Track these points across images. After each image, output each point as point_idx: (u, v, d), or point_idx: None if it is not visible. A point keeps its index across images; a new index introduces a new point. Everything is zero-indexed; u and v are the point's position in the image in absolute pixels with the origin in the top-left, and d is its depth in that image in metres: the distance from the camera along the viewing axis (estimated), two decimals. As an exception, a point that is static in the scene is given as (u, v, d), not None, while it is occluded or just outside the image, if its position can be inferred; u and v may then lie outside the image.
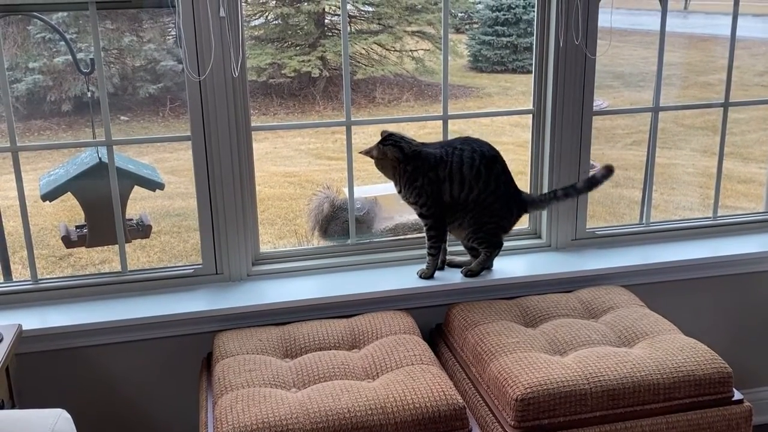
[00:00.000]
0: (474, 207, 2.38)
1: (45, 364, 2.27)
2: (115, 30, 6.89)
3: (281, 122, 7.50)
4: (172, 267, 2.46)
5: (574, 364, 2.02)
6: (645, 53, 8.20)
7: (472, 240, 2.43)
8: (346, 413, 1.83)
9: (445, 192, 2.38)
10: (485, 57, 8.83)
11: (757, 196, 5.38)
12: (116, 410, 2.36)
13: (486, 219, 2.40)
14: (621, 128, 7.35)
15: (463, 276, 2.45)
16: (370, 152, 2.39)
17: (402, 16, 8.36)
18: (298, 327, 2.24)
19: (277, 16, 8.23)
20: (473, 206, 2.38)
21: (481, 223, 2.40)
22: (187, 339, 2.34)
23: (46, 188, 2.72)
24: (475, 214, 2.39)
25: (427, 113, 7.86)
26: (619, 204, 6.02)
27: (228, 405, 1.88)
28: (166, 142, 6.39)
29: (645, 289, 2.58)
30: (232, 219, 2.39)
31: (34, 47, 6.76)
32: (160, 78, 7.06)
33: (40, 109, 6.91)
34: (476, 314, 2.30)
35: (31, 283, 2.36)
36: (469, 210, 2.39)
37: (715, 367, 2.04)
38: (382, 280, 2.47)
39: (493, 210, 2.39)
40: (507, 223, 2.44)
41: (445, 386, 1.93)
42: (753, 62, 7.92)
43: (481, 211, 2.39)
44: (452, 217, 2.41)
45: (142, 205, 5.34)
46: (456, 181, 2.36)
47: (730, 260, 2.69)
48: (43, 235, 5.23)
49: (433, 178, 2.37)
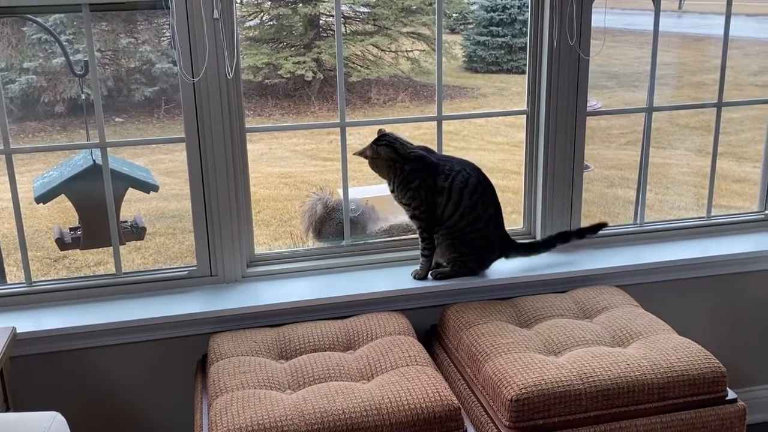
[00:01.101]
0: (458, 235, 2.39)
1: (39, 366, 2.26)
2: (110, 32, 6.88)
3: (276, 124, 7.49)
4: (166, 269, 2.46)
5: (569, 364, 2.03)
6: (639, 53, 8.23)
7: (448, 260, 2.44)
8: (341, 414, 1.83)
9: (439, 206, 2.38)
10: (480, 57, 8.85)
11: (751, 195, 5.38)
12: (111, 412, 2.36)
13: (466, 250, 2.42)
14: (616, 128, 7.37)
15: (432, 278, 2.45)
16: (364, 152, 2.40)
17: (397, 17, 8.37)
18: (293, 328, 2.24)
19: (272, 17, 8.23)
20: (457, 234, 2.39)
21: (460, 253, 2.42)
22: (181, 341, 2.33)
23: (40, 190, 2.71)
24: (456, 242, 2.40)
25: (422, 114, 7.87)
26: (613, 204, 6.03)
27: (223, 407, 1.88)
28: (161, 144, 6.39)
29: (639, 288, 2.58)
30: (226, 220, 2.39)
31: (29, 48, 6.75)
32: (155, 80, 7.06)
33: (34, 111, 6.90)
34: (471, 315, 2.30)
35: (25, 285, 2.36)
36: (453, 236, 2.39)
37: (709, 367, 2.05)
38: (377, 281, 2.47)
39: (475, 245, 2.41)
40: (485, 260, 2.45)
41: (440, 387, 1.94)
42: (747, 62, 7.95)
43: (462, 241, 2.40)
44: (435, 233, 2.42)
45: (137, 206, 5.33)
46: (452, 201, 2.37)
47: (724, 260, 2.69)
48: (38, 238, 5.22)
49: (431, 185, 2.36)
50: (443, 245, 2.42)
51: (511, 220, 2.61)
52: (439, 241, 2.43)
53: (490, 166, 6.43)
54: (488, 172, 2.47)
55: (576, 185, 2.63)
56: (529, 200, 2.69)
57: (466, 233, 2.39)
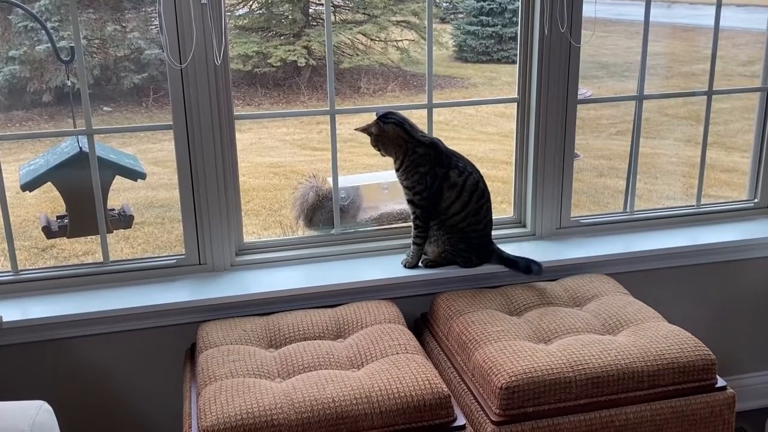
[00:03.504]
0: (458, 233, 2.40)
1: (26, 355, 2.24)
2: (97, 19, 6.81)
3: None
4: (154, 257, 2.44)
5: (559, 352, 2.03)
6: (630, 43, 8.23)
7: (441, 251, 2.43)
8: (331, 403, 1.83)
9: (446, 199, 2.37)
10: (470, 47, 8.82)
11: (740, 185, 5.41)
12: (99, 402, 2.35)
13: (462, 246, 2.41)
14: (606, 118, 7.37)
15: (423, 266, 2.45)
16: (368, 129, 2.37)
17: (387, 6, 8.33)
18: (283, 317, 2.23)
19: (262, 5, 8.18)
20: (457, 232, 2.39)
21: (456, 248, 2.41)
22: (170, 330, 2.32)
23: (26, 178, 2.68)
24: (454, 238, 2.40)
25: (412, 103, 7.85)
26: (603, 194, 6.04)
27: (212, 395, 1.87)
28: (150, 132, 6.35)
29: (629, 277, 2.58)
30: (215, 209, 2.37)
31: (16, 36, 6.68)
32: (144, 68, 7.00)
33: (21, 100, 6.84)
34: (461, 303, 2.30)
35: (12, 274, 2.33)
36: (452, 232, 2.40)
37: (698, 355, 2.05)
38: (367, 269, 2.46)
39: (472, 243, 2.41)
40: (477, 259, 2.44)
41: (430, 375, 1.93)
42: (736, 52, 7.96)
43: (461, 238, 2.40)
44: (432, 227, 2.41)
45: (125, 195, 5.29)
46: (461, 200, 2.37)
47: (713, 248, 2.70)
48: (26, 227, 5.18)
49: (441, 176, 2.35)
50: (440, 239, 2.41)
51: (501, 210, 2.61)
52: (434, 233, 2.42)
53: (480, 156, 6.43)
54: (479, 162, 2.47)
55: (566, 174, 2.63)
56: (519, 189, 2.69)
57: (466, 232, 2.39)
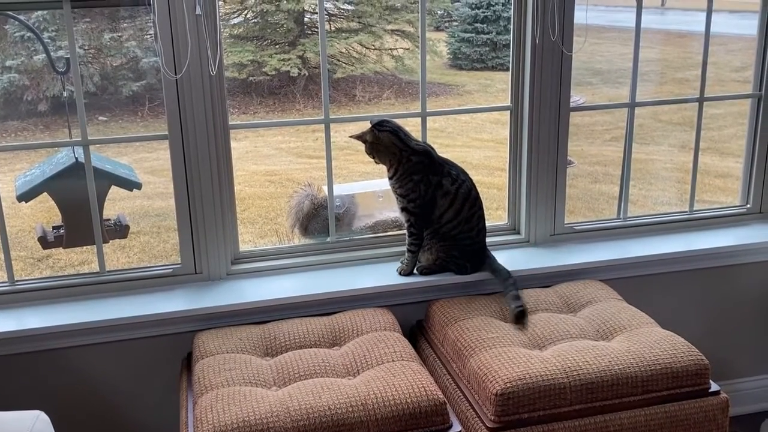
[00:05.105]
0: (450, 240, 2.40)
1: (23, 366, 2.25)
2: (94, 29, 6.83)
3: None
4: (150, 267, 2.44)
5: (553, 358, 2.04)
6: (623, 50, 8.27)
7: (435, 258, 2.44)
8: (327, 411, 1.83)
9: (439, 207, 2.38)
10: (465, 55, 8.86)
11: (733, 190, 5.43)
12: (95, 411, 2.35)
13: (455, 253, 2.42)
14: (600, 125, 7.40)
15: (418, 273, 2.46)
16: (363, 136, 2.39)
17: (382, 15, 8.36)
18: (278, 325, 2.24)
19: (257, 14, 8.21)
20: (449, 239, 2.40)
21: (450, 256, 2.42)
22: (166, 339, 2.33)
23: (22, 189, 2.69)
24: (447, 245, 2.41)
25: (407, 111, 7.87)
26: (597, 200, 6.06)
27: (208, 404, 1.87)
28: (145, 142, 6.36)
29: (623, 283, 2.60)
30: (210, 218, 2.38)
31: (11, 47, 6.69)
32: (141, 75, 7.01)
33: (17, 110, 6.84)
34: (456, 310, 2.31)
35: (8, 284, 2.34)
36: (445, 240, 2.40)
37: (692, 360, 2.07)
38: (362, 277, 2.47)
39: (465, 251, 2.42)
40: (471, 267, 2.45)
41: (425, 382, 1.94)
42: (729, 58, 8.00)
43: (453, 245, 2.41)
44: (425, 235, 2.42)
45: (121, 205, 5.30)
46: (454, 208, 2.37)
47: (706, 254, 2.72)
48: (22, 237, 5.18)
49: (434, 183, 2.36)
50: (434, 246, 2.42)
51: (495, 216, 2.62)
52: (428, 241, 2.43)
53: (475, 163, 6.45)
54: (473, 169, 2.48)
55: (560, 181, 2.65)
56: (513, 196, 2.70)
57: (460, 240, 2.41)
